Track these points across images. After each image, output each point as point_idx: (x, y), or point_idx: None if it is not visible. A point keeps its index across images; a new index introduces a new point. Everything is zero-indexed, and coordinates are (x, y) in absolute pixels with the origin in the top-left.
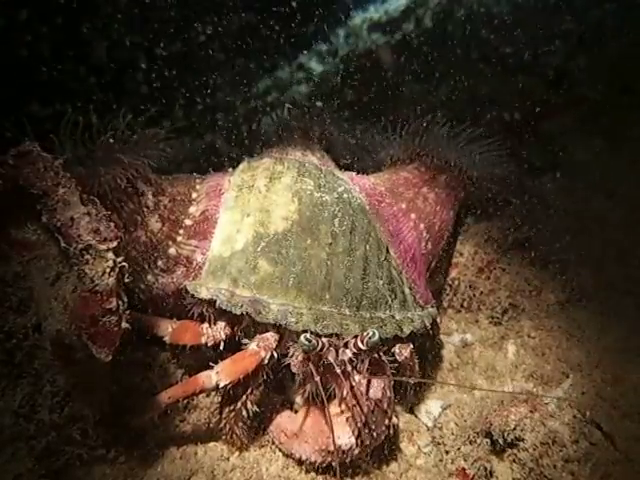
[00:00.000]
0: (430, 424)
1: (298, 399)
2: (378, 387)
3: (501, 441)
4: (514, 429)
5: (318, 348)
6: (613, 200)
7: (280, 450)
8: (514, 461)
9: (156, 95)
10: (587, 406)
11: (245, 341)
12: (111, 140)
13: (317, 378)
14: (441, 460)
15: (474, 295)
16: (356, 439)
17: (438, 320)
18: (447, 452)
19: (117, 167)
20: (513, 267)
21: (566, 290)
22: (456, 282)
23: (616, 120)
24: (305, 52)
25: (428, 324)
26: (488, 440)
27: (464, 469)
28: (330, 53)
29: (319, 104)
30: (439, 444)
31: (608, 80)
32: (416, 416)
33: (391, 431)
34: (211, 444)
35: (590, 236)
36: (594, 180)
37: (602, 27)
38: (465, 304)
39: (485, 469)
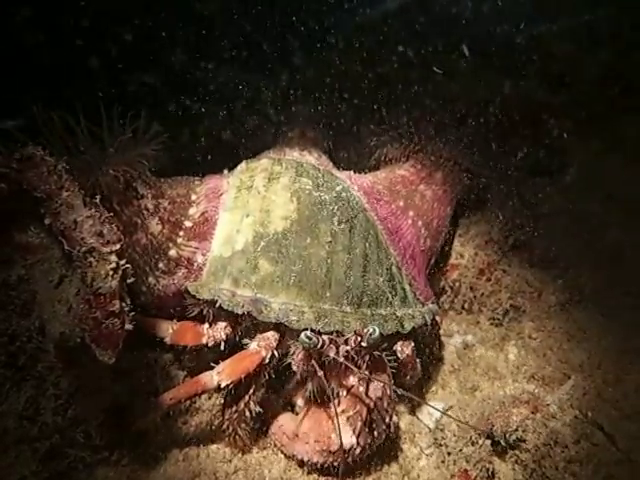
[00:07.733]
0: (432, 426)
1: (299, 401)
2: (378, 386)
3: (503, 442)
4: (516, 430)
5: (319, 345)
6: (612, 201)
7: (282, 452)
8: (516, 462)
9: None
10: (589, 407)
11: (246, 341)
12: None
13: (320, 373)
14: (443, 461)
15: (475, 297)
16: (357, 438)
17: (438, 318)
18: (449, 454)
19: (113, 168)
20: (514, 269)
21: (567, 291)
22: (457, 284)
23: (614, 122)
24: None
25: (429, 320)
26: (490, 441)
27: (466, 470)
28: None
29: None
30: (441, 445)
31: (606, 82)
32: (418, 418)
33: (392, 430)
34: (213, 446)
35: (590, 237)
36: (592, 181)
37: (600, 29)
38: (466, 306)
39: (487, 470)
